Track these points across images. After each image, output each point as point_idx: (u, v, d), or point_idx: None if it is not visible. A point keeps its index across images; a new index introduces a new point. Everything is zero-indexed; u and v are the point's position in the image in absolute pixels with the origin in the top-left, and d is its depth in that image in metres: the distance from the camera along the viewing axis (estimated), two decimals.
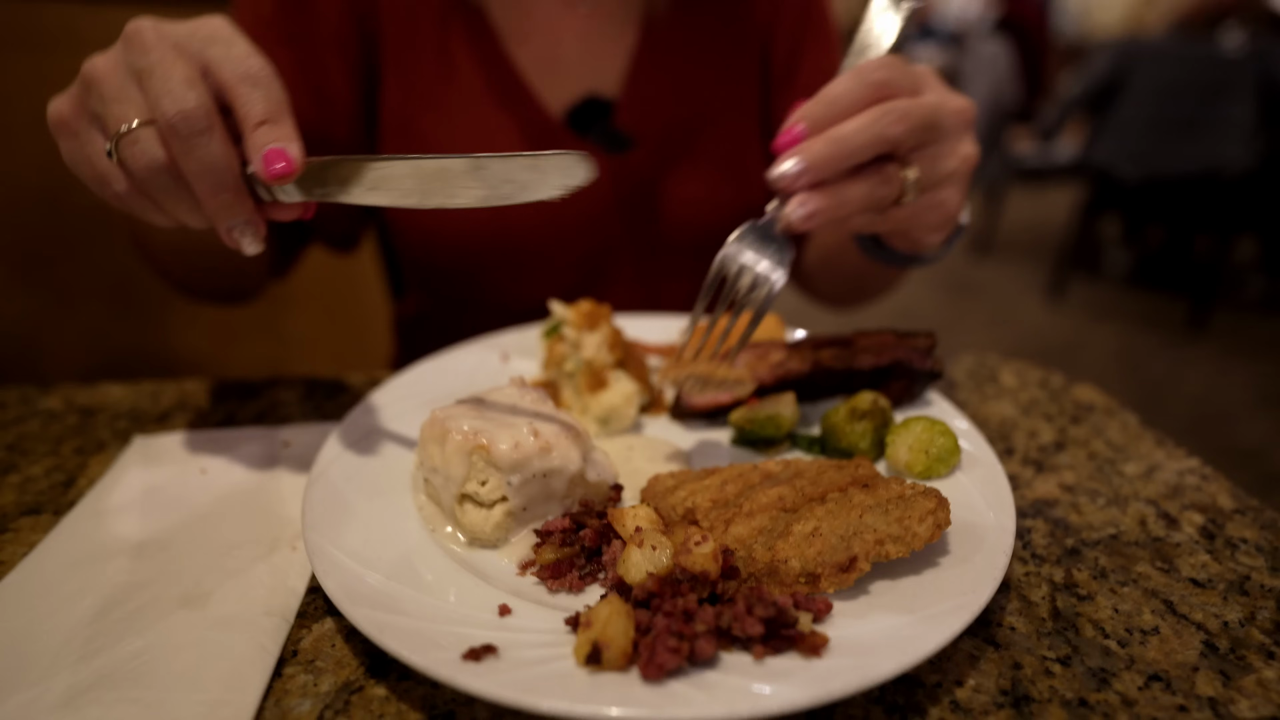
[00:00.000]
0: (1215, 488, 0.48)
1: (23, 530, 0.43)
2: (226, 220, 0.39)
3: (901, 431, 0.44)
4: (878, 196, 0.41)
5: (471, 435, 0.39)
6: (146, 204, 0.39)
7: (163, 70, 0.36)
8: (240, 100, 0.37)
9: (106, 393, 0.59)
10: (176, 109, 0.35)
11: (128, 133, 0.37)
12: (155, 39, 0.37)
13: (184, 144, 0.36)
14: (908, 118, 0.40)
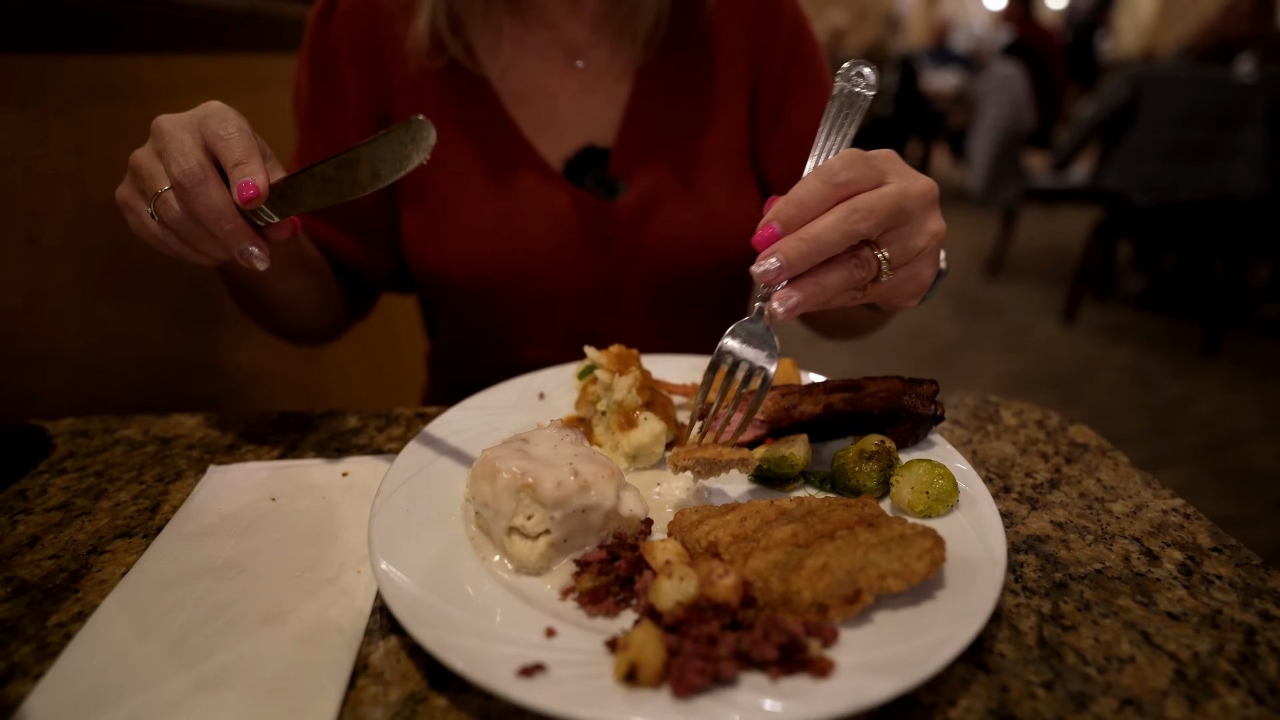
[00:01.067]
0: (1196, 526, 0.52)
1: (118, 552, 0.48)
2: (235, 246, 0.50)
3: (905, 473, 0.49)
4: (855, 279, 0.46)
5: (519, 474, 0.44)
6: (185, 248, 0.52)
7: (173, 144, 0.48)
8: (220, 152, 0.49)
9: (179, 423, 0.64)
10: (179, 169, 0.48)
11: (158, 197, 0.49)
12: (170, 125, 0.49)
13: (190, 194, 0.48)
14: (874, 212, 0.44)
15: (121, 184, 0.53)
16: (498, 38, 0.75)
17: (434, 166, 0.75)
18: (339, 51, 0.75)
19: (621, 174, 0.76)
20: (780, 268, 0.44)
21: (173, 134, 0.48)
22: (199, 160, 0.48)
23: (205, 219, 0.49)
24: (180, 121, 0.49)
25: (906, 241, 0.47)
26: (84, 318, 0.82)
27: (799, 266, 0.44)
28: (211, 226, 0.49)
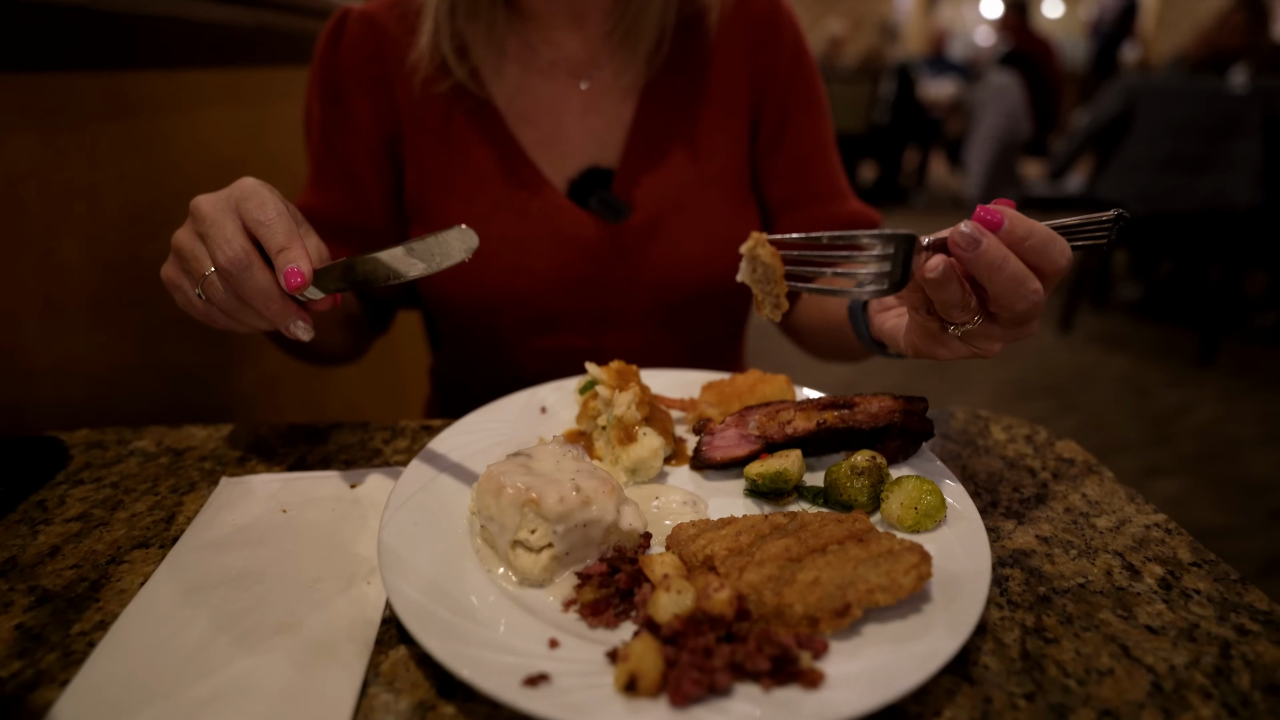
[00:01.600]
0: (1177, 541, 0.53)
1: (135, 562, 0.50)
2: (281, 322, 0.52)
3: (894, 488, 0.51)
4: (954, 302, 0.46)
5: (523, 490, 0.46)
6: (232, 322, 0.54)
7: (214, 230, 0.50)
8: (263, 238, 0.50)
9: (191, 434, 0.66)
10: (225, 257, 0.49)
11: (204, 279, 0.51)
12: (208, 208, 0.51)
13: (237, 280, 0.50)
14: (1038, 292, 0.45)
15: (166, 264, 0.55)
16: (502, 59, 0.77)
17: (440, 188, 0.77)
18: (348, 76, 0.77)
19: (625, 195, 0.78)
20: (1000, 219, 0.44)
21: (214, 218, 0.50)
22: (243, 246, 0.49)
23: (252, 301, 0.50)
24: (219, 204, 0.50)
25: (1009, 326, 0.47)
26: (96, 329, 0.84)
27: (1011, 230, 0.44)
28: (259, 307, 0.51)
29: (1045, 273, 0.45)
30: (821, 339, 0.83)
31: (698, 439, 0.58)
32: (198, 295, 0.53)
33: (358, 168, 0.78)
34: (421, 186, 0.78)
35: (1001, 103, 4.07)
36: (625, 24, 0.76)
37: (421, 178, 0.78)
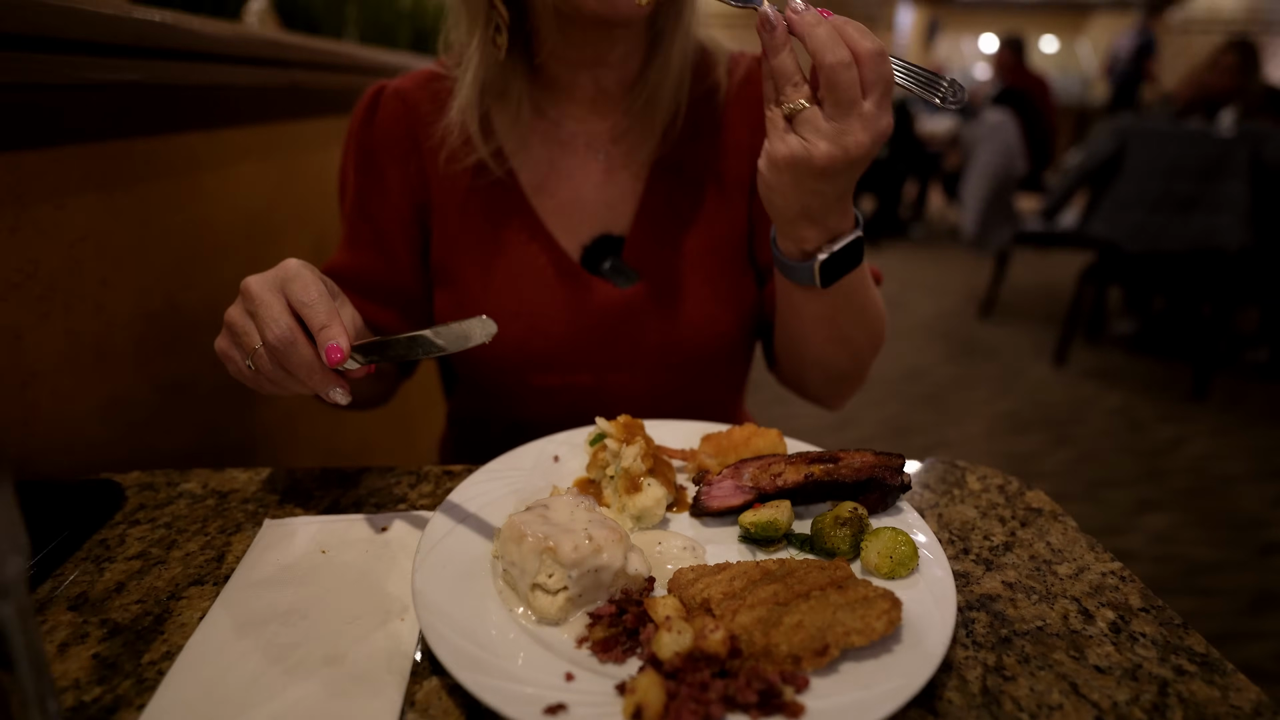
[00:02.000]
0: (1129, 589, 0.59)
1: (193, 598, 0.56)
2: (322, 390, 0.59)
3: (873, 538, 0.57)
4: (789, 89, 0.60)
5: (542, 539, 0.52)
6: (277, 389, 0.61)
7: (263, 310, 0.56)
8: (307, 317, 0.57)
9: (233, 477, 0.72)
10: (273, 335, 0.56)
11: (254, 352, 0.58)
12: (257, 289, 0.58)
13: (283, 354, 0.56)
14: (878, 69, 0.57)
15: (219, 337, 0.62)
16: (526, 134, 0.85)
17: (463, 254, 0.84)
18: (381, 149, 0.85)
19: (634, 261, 0.84)
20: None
21: (262, 298, 0.56)
22: (289, 325, 0.56)
23: (297, 373, 0.57)
24: (267, 285, 0.57)
25: (838, 116, 0.58)
26: (138, 375, 0.90)
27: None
28: (303, 378, 0.57)
29: (857, 52, 0.57)
30: (817, 356, 0.84)
31: (697, 489, 0.64)
32: (248, 366, 0.59)
33: (389, 233, 0.85)
34: (445, 251, 0.85)
35: (996, 140, 4.16)
36: (643, 101, 0.83)
37: (445, 243, 0.85)
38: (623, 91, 0.85)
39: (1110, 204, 3.28)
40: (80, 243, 0.80)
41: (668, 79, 0.82)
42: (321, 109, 1.47)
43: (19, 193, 0.72)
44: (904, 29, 11.30)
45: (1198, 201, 3.06)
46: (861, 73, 0.57)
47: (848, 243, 0.67)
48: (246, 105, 1.15)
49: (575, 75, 0.83)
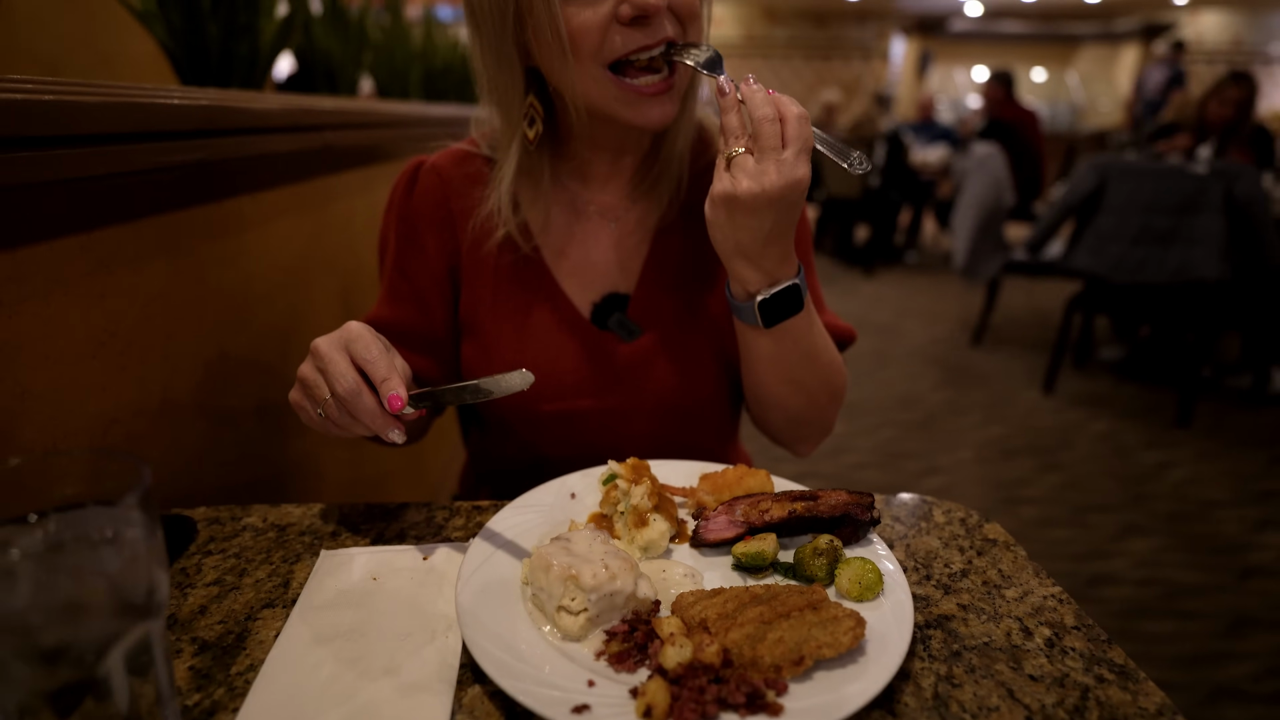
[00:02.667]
0: (1065, 610, 0.69)
1: (266, 619, 0.66)
2: (383, 432, 0.69)
3: (845, 567, 0.66)
4: (731, 138, 0.74)
5: (566, 568, 0.62)
6: (343, 431, 0.71)
7: (331, 367, 0.67)
8: (370, 372, 0.67)
9: (289, 512, 0.82)
10: (341, 388, 0.66)
11: (324, 402, 0.69)
12: (326, 348, 0.68)
13: (350, 404, 0.67)
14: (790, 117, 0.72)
15: (293, 390, 0.73)
16: (548, 205, 0.96)
17: (488, 310, 0.95)
18: (419, 218, 0.96)
19: (637, 317, 0.95)
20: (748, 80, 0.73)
21: (330, 357, 0.67)
22: (355, 379, 0.66)
23: (361, 418, 0.67)
24: (333, 344, 0.68)
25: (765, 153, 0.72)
26: (195, 417, 1.00)
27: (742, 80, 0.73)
28: (366, 422, 0.68)
29: (784, 114, 0.71)
30: (780, 397, 0.92)
31: (696, 523, 0.74)
32: (318, 414, 0.70)
33: (425, 290, 0.96)
34: (473, 308, 0.96)
35: (984, 172, 4.30)
36: (651, 177, 0.95)
37: (473, 300, 0.96)
38: (634, 169, 0.96)
39: (1093, 237, 3.41)
40: (152, 302, 0.91)
41: (674, 160, 0.93)
42: (347, 164, 1.59)
43: (107, 263, 0.83)
44: (897, 60, 11.57)
45: (1175, 235, 3.19)
46: (784, 128, 0.71)
47: (785, 287, 0.79)
48: (285, 167, 1.27)
49: (595, 156, 0.95)
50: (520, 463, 0.99)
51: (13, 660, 0.40)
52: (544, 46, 0.79)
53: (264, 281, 1.20)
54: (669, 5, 0.77)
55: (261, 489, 1.16)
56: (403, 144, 1.97)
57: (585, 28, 0.76)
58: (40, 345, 0.74)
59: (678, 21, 0.79)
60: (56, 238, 0.76)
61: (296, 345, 1.31)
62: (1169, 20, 10.94)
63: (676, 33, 0.80)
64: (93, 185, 0.79)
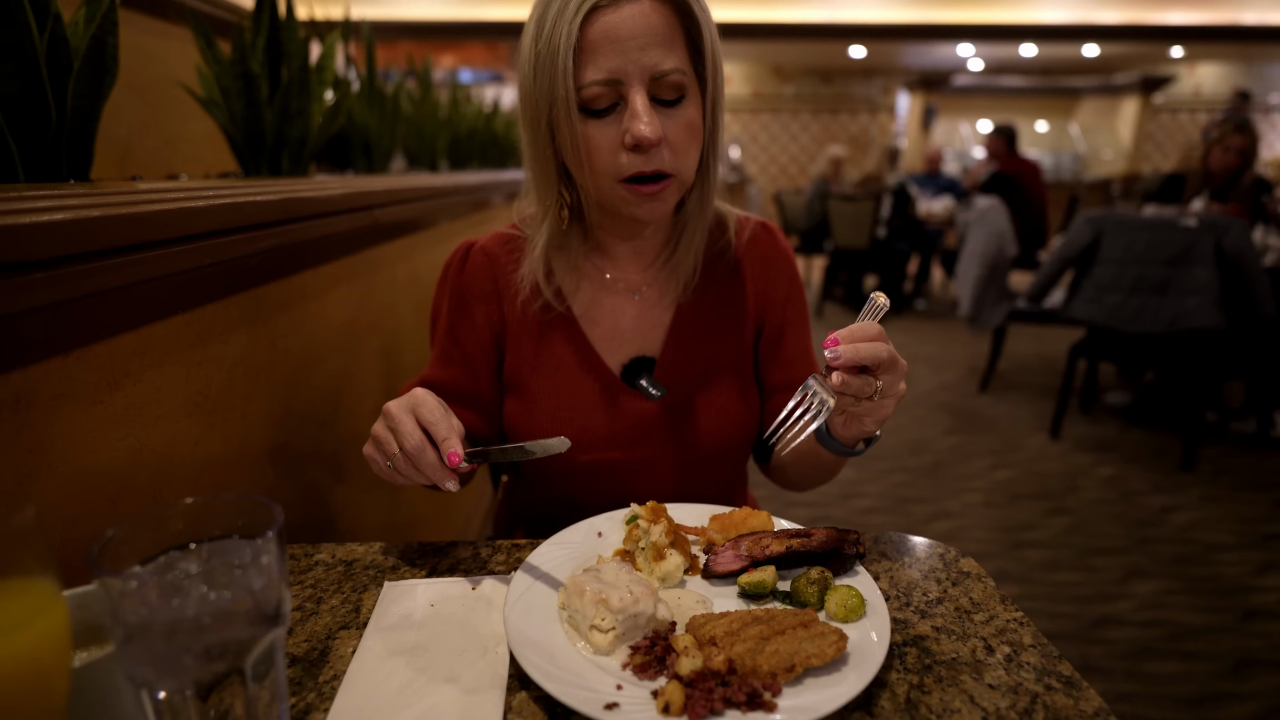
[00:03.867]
0: (1024, 631, 0.80)
1: (343, 639, 0.78)
2: (440, 482, 0.82)
3: (833, 593, 0.78)
4: (865, 388, 0.80)
5: (597, 592, 0.74)
6: (407, 480, 0.84)
7: (400, 427, 0.81)
8: (433, 433, 0.81)
9: (352, 550, 0.95)
10: (409, 445, 0.80)
11: (394, 456, 0.82)
12: (396, 411, 0.82)
13: (415, 459, 0.80)
14: (888, 353, 0.79)
15: (367, 445, 0.87)
16: (579, 279, 1.10)
17: (530, 372, 1.09)
18: (470, 292, 1.10)
19: (663, 378, 1.09)
20: (838, 355, 0.78)
21: (399, 418, 0.81)
22: (420, 438, 0.80)
23: (424, 471, 0.81)
24: (402, 407, 0.82)
25: (892, 381, 0.82)
26: (265, 468, 1.14)
27: (850, 361, 0.78)
28: (428, 474, 0.81)
29: (878, 365, 0.80)
30: (797, 470, 1.11)
31: (706, 557, 0.86)
32: (387, 465, 0.83)
33: (474, 355, 1.10)
34: (516, 370, 1.10)
35: (986, 224, 4.45)
36: (672, 261, 1.10)
37: (517, 364, 1.10)
38: (654, 254, 1.11)
39: (1091, 287, 3.53)
40: (235, 368, 1.06)
41: (691, 249, 1.08)
42: (391, 235, 1.76)
43: (204, 336, 0.98)
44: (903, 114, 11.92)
45: (1170, 285, 3.30)
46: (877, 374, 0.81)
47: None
48: (341, 243, 1.44)
49: (614, 241, 1.10)
50: (552, 506, 1.12)
51: (183, 655, 0.53)
52: (568, 154, 0.94)
53: (321, 344, 1.35)
54: (666, 137, 0.90)
55: (317, 528, 1.29)
56: (437, 213, 2.15)
57: (599, 147, 0.90)
58: (153, 407, 0.89)
59: (675, 154, 0.92)
60: (169, 317, 0.91)
61: (347, 400, 1.45)
62: (1168, 73, 11.23)
63: (673, 163, 0.93)
64: (197, 272, 0.95)
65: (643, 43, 0.84)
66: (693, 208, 1.06)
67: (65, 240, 0.67)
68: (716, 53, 0.93)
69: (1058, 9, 8.14)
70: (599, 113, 0.88)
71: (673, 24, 0.87)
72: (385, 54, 8.38)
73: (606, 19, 0.83)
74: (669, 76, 0.87)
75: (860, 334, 0.79)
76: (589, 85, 0.85)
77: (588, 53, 0.84)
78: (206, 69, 1.43)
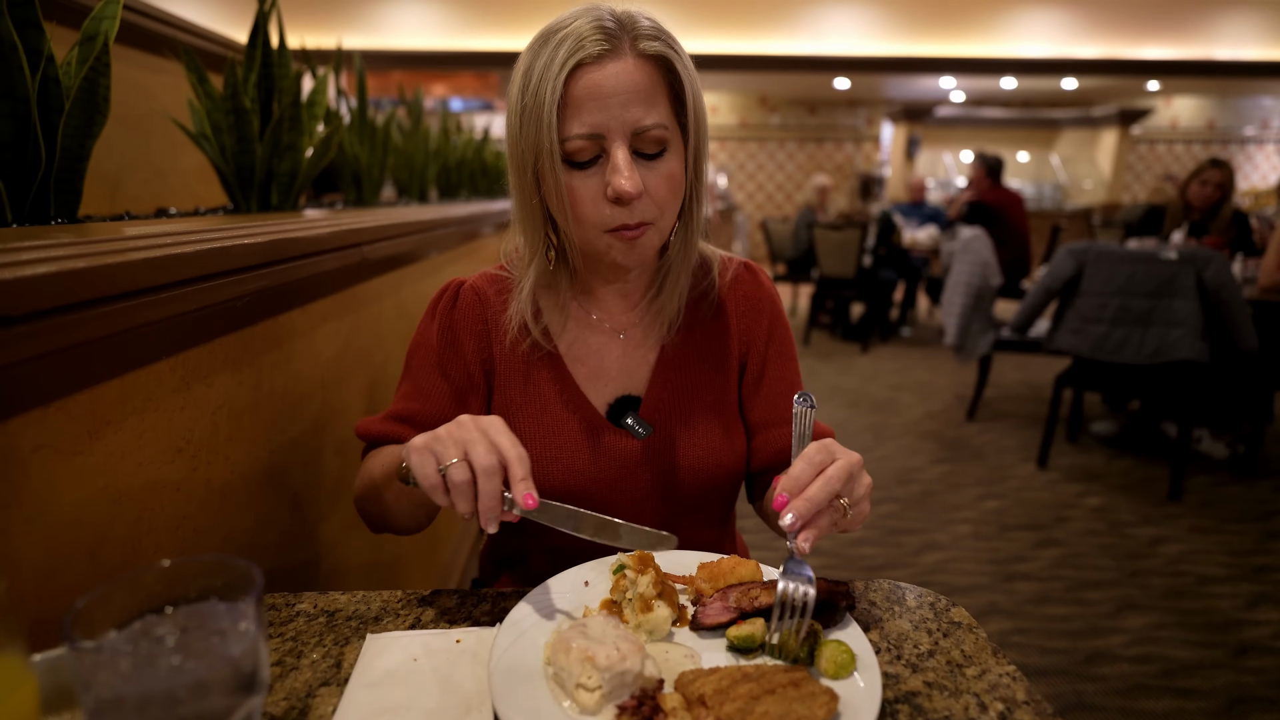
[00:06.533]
0: (1018, 686, 0.79)
1: (323, 696, 0.76)
2: (488, 512, 0.77)
3: (823, 648, 0.77)
4: (834, 519, 0.79)
5: (583, 649, 0.72)
6: (446, 499, 0.79)
7: (479, 445, 0.77)
8: (510, 466, 0.77)
9: (335, 599, 0.93)
10: (483, 465, 0.76)
11: (450, 464, 0.77)
12: (471, 424, 0.79)
13: (483, 479, 0.76)
14: (839, 476, 0.78)
15: (420, 438, 0.80)
16: (565, 319, 1.11)
17: (517, 409, 1.08)
18: (461, 327, 1.10)
19: (648, 416, 1.09)
20: (795, 520, 0.77)
21: (477, 436, 0.76)
22: (497, 461, 0.76)
23: (482, 496, 0.76)
24: (477, 426, 0.78)
25: (855, 491, 0.81)
26: (245, 510, 1.12)
27: (807, 517, 0.77)
28: (483, 501, 0.76)
29: (827, 459, 0.80)
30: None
31: (694, 609, 0.85)
32: (438, 471, 0.77)
33: (463, 390, 1.10)
34: (503, 407, 1.10)
35: (970, 254, 4.50)
36: (657, 303, 1.11)
37: (504, 401, 1.10)
38: (639, 296, 1.13)
39: (1075, 318, 3.57)
40: (219, 410, 1.04)
41: (675, 293, 1.09)
42: (379, 270, 1.76)
43: (188, 380, 0.97)
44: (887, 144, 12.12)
45: (1153, 317, 3.34)
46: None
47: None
48: (329, 281, 1.43)
49: (602, 285, 1.11)
50: (540, 548, 1.11)
51: None
52: (553, 202, 0.96)
53: (308, 381, 1.34)
54: (648, 189, 0.92)
55: (301, 570, 1.27)
56: (426, 246, 2.15)
57: (581, 198, 0.92)
58: (135, 455, 0.87)
59: (656, 204, 0.94)
60: (152, 363, 0.90)
61: (333, 436, 1.44)
62: (1145, 106, 11.50)
63: (654, 213, 0.95)
64: (183, 317, 0.94)
65: (625, 99, 0.86)
66: (676, 252, 1.07)
67: (48, 294, 0.66)
68: (699, 105, 0.96)
69: (1037, 43, 8.35)
70: (582, 165, 0.90)
71: (656, 80, 0.89)
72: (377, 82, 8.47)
73: (591, 75, 0.85)
74: (650, 132, 0.89)
75: (803, 481, 0.79)
76: (572, 139, 0.87)
77: (572, 107, 0.86)
78: (198, 104, 1.44)
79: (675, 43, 0.93)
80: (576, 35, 0.85)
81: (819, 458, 0.79)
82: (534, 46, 0.91)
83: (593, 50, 0.84)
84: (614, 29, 0.86)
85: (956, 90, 10.82)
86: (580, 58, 0.84)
